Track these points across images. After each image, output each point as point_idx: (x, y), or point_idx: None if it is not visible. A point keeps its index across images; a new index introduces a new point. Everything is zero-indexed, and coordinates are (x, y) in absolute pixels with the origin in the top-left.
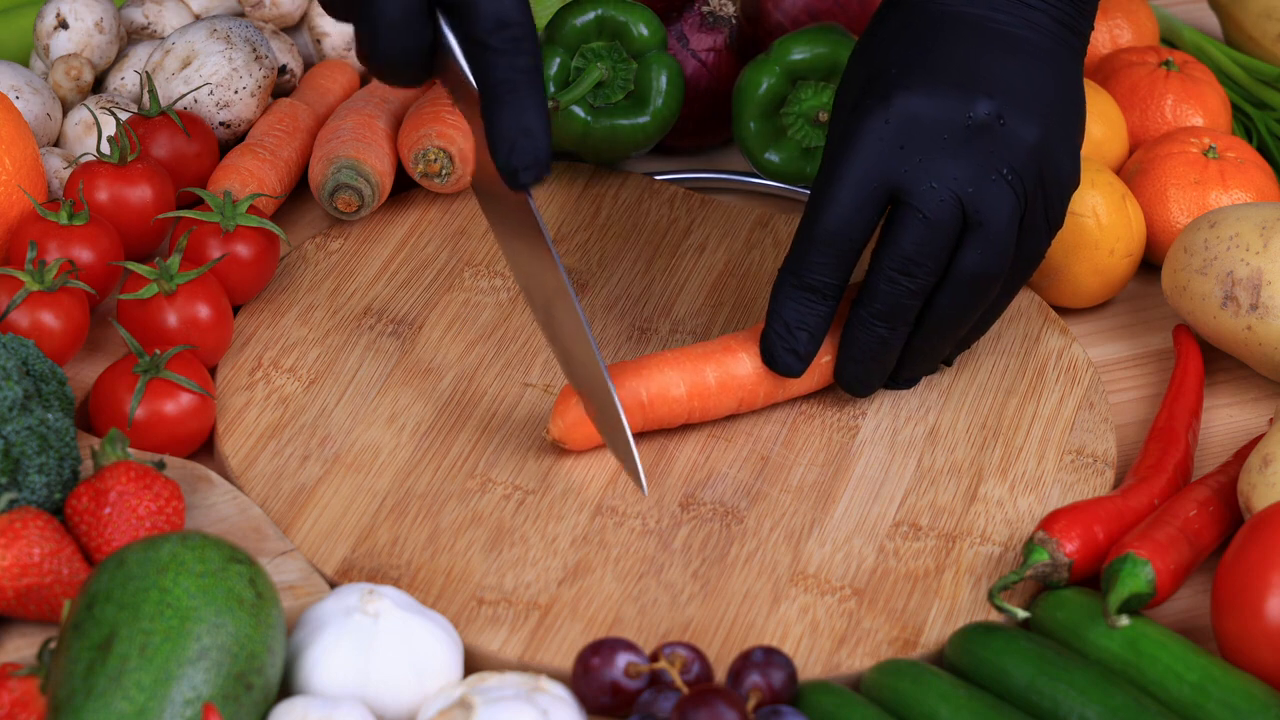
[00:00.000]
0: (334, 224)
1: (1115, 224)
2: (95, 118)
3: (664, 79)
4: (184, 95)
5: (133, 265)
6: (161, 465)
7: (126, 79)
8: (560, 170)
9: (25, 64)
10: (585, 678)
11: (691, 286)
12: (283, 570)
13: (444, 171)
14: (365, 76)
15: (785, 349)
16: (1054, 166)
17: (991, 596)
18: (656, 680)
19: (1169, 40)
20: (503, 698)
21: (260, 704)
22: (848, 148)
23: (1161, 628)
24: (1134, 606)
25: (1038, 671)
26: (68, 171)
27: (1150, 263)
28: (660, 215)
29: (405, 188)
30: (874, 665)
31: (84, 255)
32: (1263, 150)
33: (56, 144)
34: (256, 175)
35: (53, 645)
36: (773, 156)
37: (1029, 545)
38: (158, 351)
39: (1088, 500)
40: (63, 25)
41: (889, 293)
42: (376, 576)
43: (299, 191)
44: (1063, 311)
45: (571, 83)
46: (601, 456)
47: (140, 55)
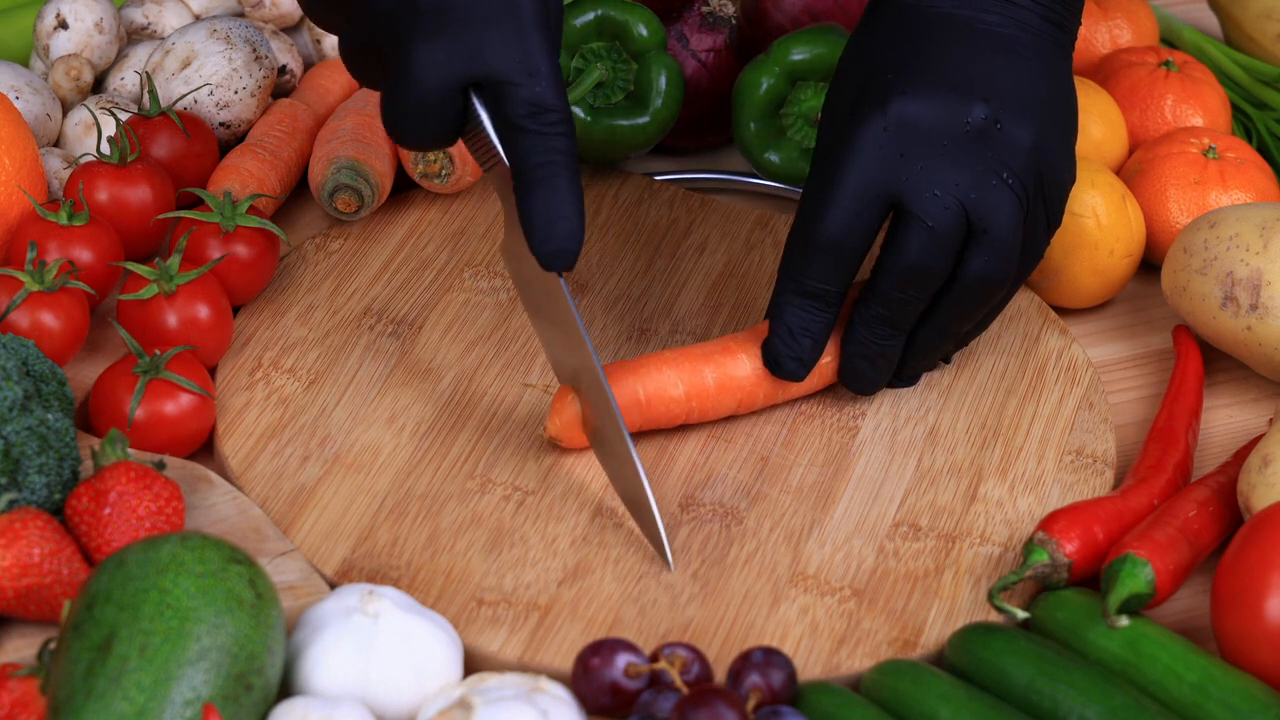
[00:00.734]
0: (334, 224)
1: (1115, 224)
2: (95, 118)
3: (664, 79)
4: (184, 95)
5: (133, 265)
6: (161, 465)
7: (126, 79)
8: None
9: (25, 64)
10: (585, 678)
11: (691, 287)
12: (283, 570)
13: (444, 171)
14: None
15: (789, 355)
16: (1051, 167)
17: (991, 597)
18: (656, 680)
19: (1169, 40)
20: (503, 698)
21: (260, 704)
22: (847, 155)
23: (1161, 628)
24: (1134, 607)
25: (1038, 672)
26: (68, 171)
27: (1150, 263)
28: (660, 215)
29: (405, 188)
30: (874, 665)
31: (84, 255)
32: (1263, 150)
33: (56, 144)
34: (256, 175)
35: (53, 645)
36: (773, 156)
37: (1029, 545)
38: (158, 352)
39: (1087, 500)
40: (63, 25)
41: (894, 299)
42: (376, 577)
43: (299, 191)
44: (1063, 311)
45: (571, 83)
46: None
47: (140, 55)
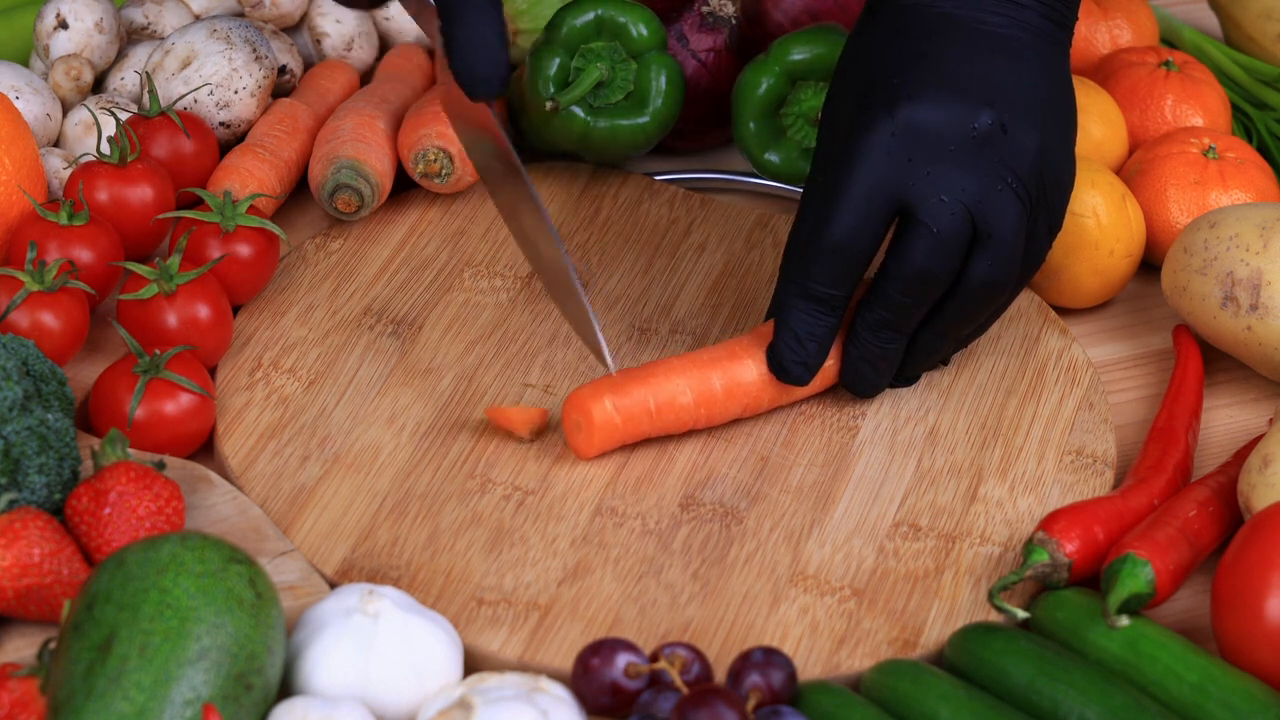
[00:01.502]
0: (334, 224)
1: (1115, 224)
2: (95, 118)
3: (664, 79)
4: (184, 95)
5: (133, 265)
6: (161, 465)
7: (126, 79)
8: (560, 170)
9: (25, 64)
10: (585, 678)
11: (691, 286)
12: (283, 570)
13: (444, 171)
14: (365, 76)
15: (795, 361)
16: (1054, 170)
17: (991, 597)
18: (656, 680)
19: (1169, 40)
20: (503, 698)
21: (260, 704)
22: (854, 159)
23: (1161, 628)
24: (1134, 607)
25: (1038, 672)
26: (68, 171)
27: (1150, 263)
28: (660, 215)
29: (405, 188)
30: (874, 665)
31: (84, 255)
32: (1263, 150)
33: (56, 144)
34: (256, 175)
35: (53, 645)
36: (773, 156)
37: (1029, 545)
38: (158, 352)
39: (1087, 500)
40: (63, 25)
41: (898, 304)
42: (376, 577)
43: (299, 191)
44: (1063, 311)
45: (571, 83)
46: (601, 457)
47: (140, 55)
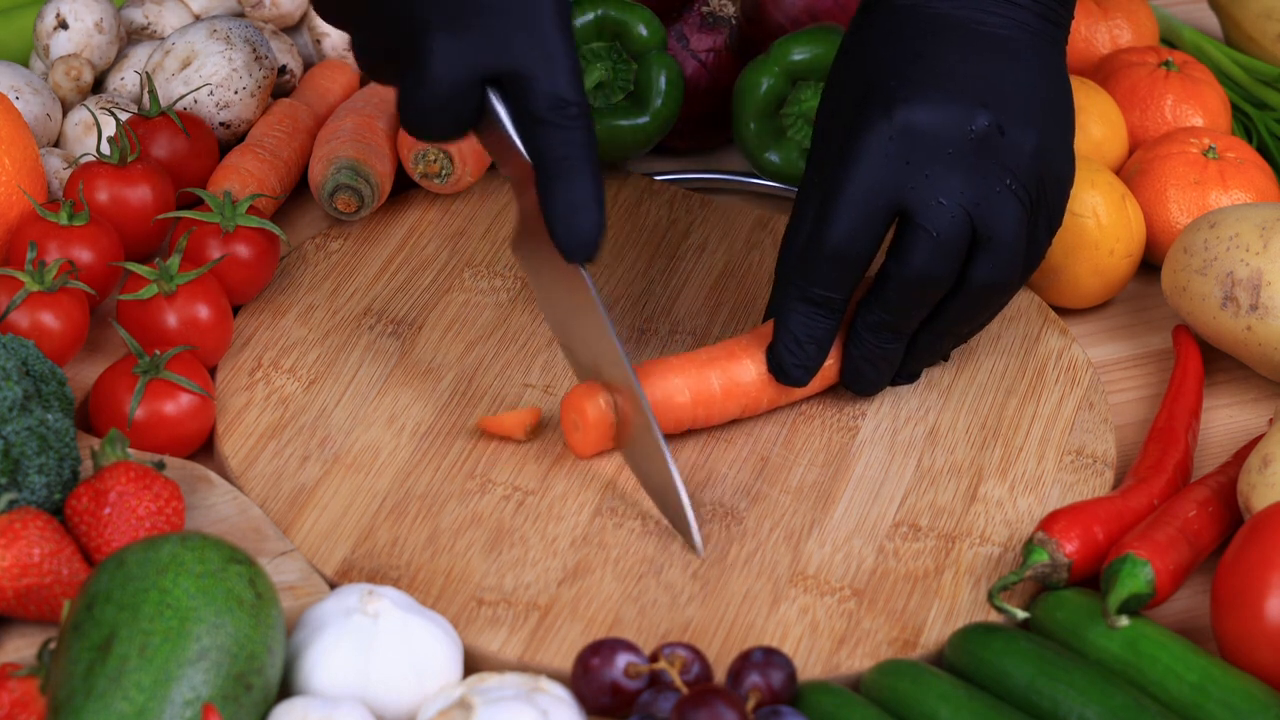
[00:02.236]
0: (334, 224)
1: (1115, 224)
2: (95, 118)
3: (664, 79)
4: (184, 95)
5: (133, 266)
6: (161, 465)
7: (126, 79)
8: None
9: (25, 64)
10: (585, 678)
11: (691, 287)
12: (283, 570)
13: (444, 172)
14: (365, 77)
15: (795, 363)
16: (1053, 169)
17: (991, 597)
18: (656, 680)
19: (1169, 40)
20: (503, 698)
21: (260, 704)
22: (852, 163)
23: (1161, 628)
24: (1134, 607)
25: (1038, 672)
26: (68, 171)
27: (1150, 263)
28: (660, 215)
29: (405, 188)
30: (874, 665)
31: (84, 256)
32: (1263, 150)
33: (56, 144)
34: (256, 175)
35: (53, 645)
36: (773, 156)
37: (1029, 546)
38: (158, 352)
39: (1087, 500)
40: (63, 25)
41: (898, 306)
42: (376, 577)
43: (299, 191)
44: (1063, 311)
45: None
46: (601, 457)
47: (140, 55)
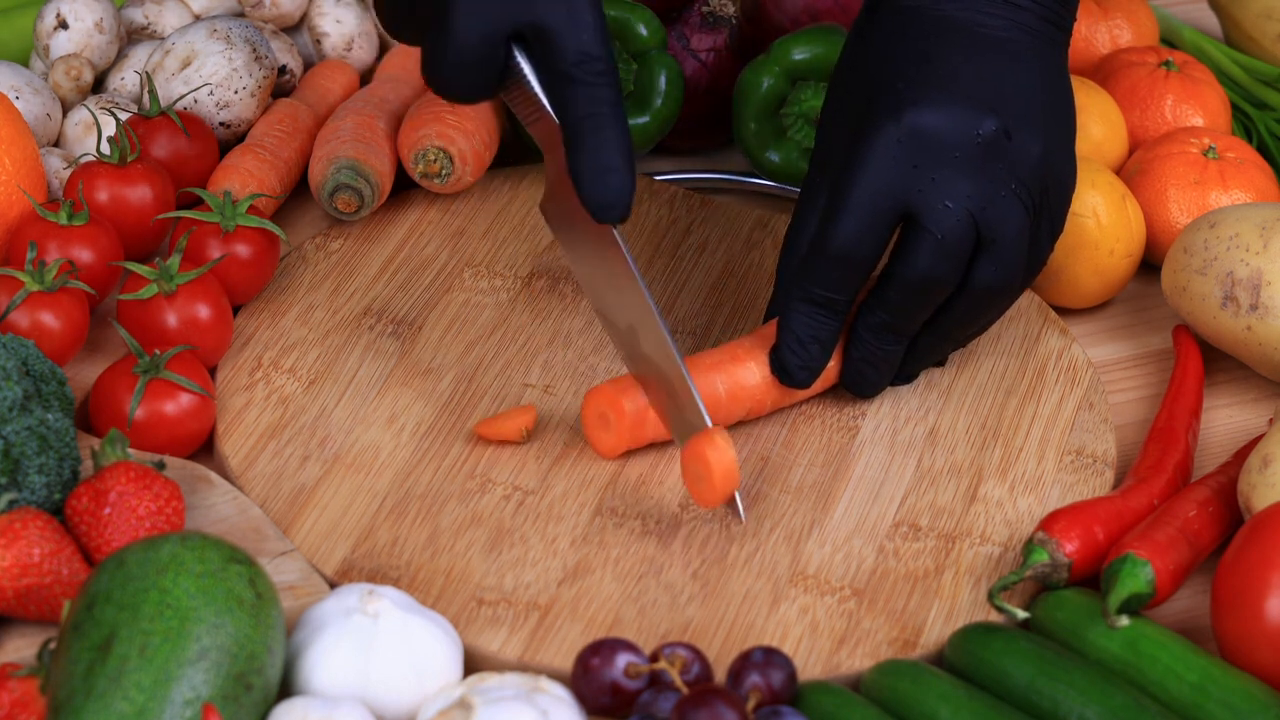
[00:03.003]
0: (334, 224)
1: (1115, 224)
2: (95, 118)
3: (664, 79)
4: (184, 95)
5: (133, 265)
6: (161, 465)
7: (126, 79)
8: None
9: (25, 64)
10: (585, 678)
11: (691, 287)
12: (283, 570)
13: (444, 172)
14: (365, 76)
15: (799, 365)
16: (1055, 173)
17: (991, 597)
18: (656, 680)
19: (1169, 40)
20: (503, 698)
21: (260, 704)
22: (859, 165)
23: (1161, 628)
24: (1134, 607)
25: (1038, 672)
26: (68, 171)
27: (1150, 263)
28: (660, 215)
29: (405, 188)
30: (874, 665)
31: (84, 255)
32: (1263, 150)
33: (56, 144)
34: (256, 175)
35: (53, 645)
36: (773, 156)
37: (1029, 545)
38: (158, 351)
39: (1087, 500)
40: (63, 25)
41: (901, 308)
42: (376, 576)
43: (299, 191)
44: (1063, 311)
45: None
46: (601, 458)
47: (140, 55)
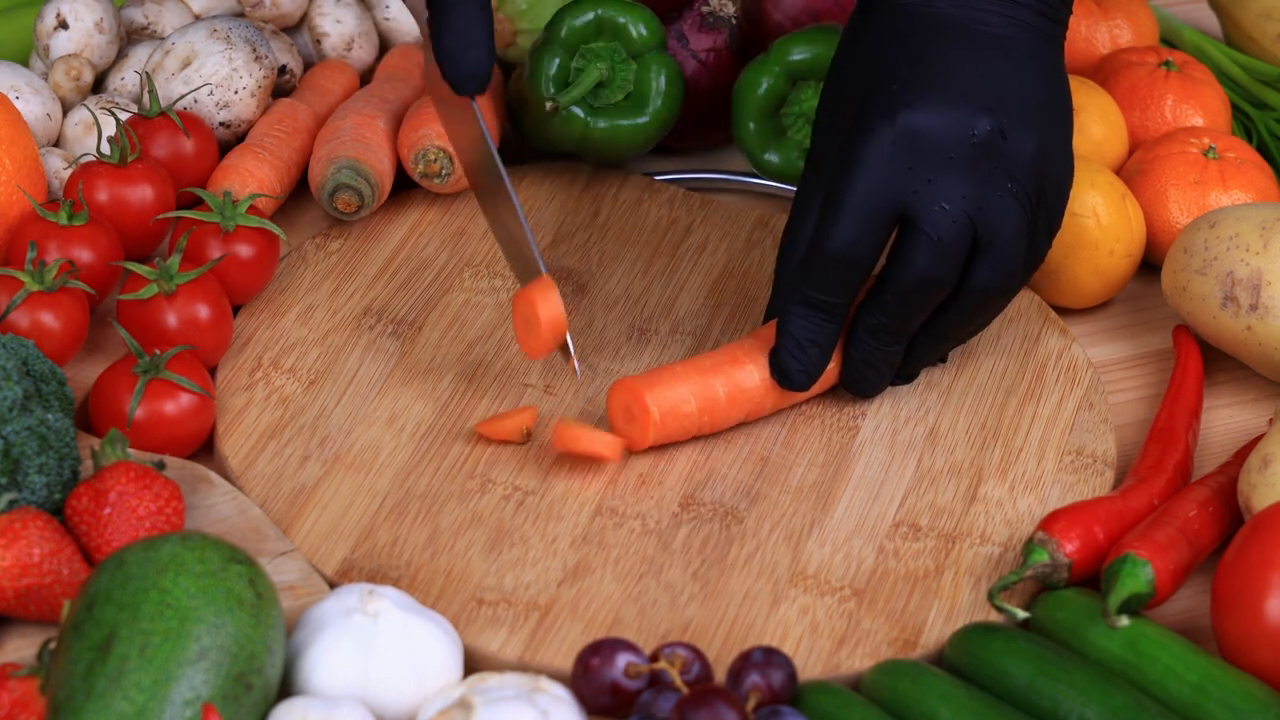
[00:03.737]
0: (334, 224)
1: (1115, 224)
2: (95, 118)
3: (663, 79)
4: (184, 95)
5: (133, 265)
6: (161, 465)
7: (126, 79)
8: (560, 170)
9: (25, 64)
10: (585, 678)
11: (691, 286)
12: (283, 570)
13: (444, 171)
14: (365, 76)
15: (798, 368)
16: (1052, 171)
17: (991, 597)
18: (656, 680)
19: (1169, 40)
20: (503, 698)
21: (260, 704)
22: (855, 168)
23: (1161, 628)
24: (1134, 607)
25: (1038, 672)
26: (68, 171)
27: (1150, 263)
28: (660, 215)
29: (405, 188)
30: (874, 665)
31: (84, 255)
32: (1263, 150)
33: (56, 144)
34: (256, 175)
35: (53, 645)
36: (773, 156)
37: (1029, 545)
38: (158, 351)
39: (1087, 500)
40: (63, 25)
41: (899, 310)
42: (376, 577)
43: (299, 191)
44: (1063, 311)
45: (571, 83)
46: (599, 461)
47: (140, 55)
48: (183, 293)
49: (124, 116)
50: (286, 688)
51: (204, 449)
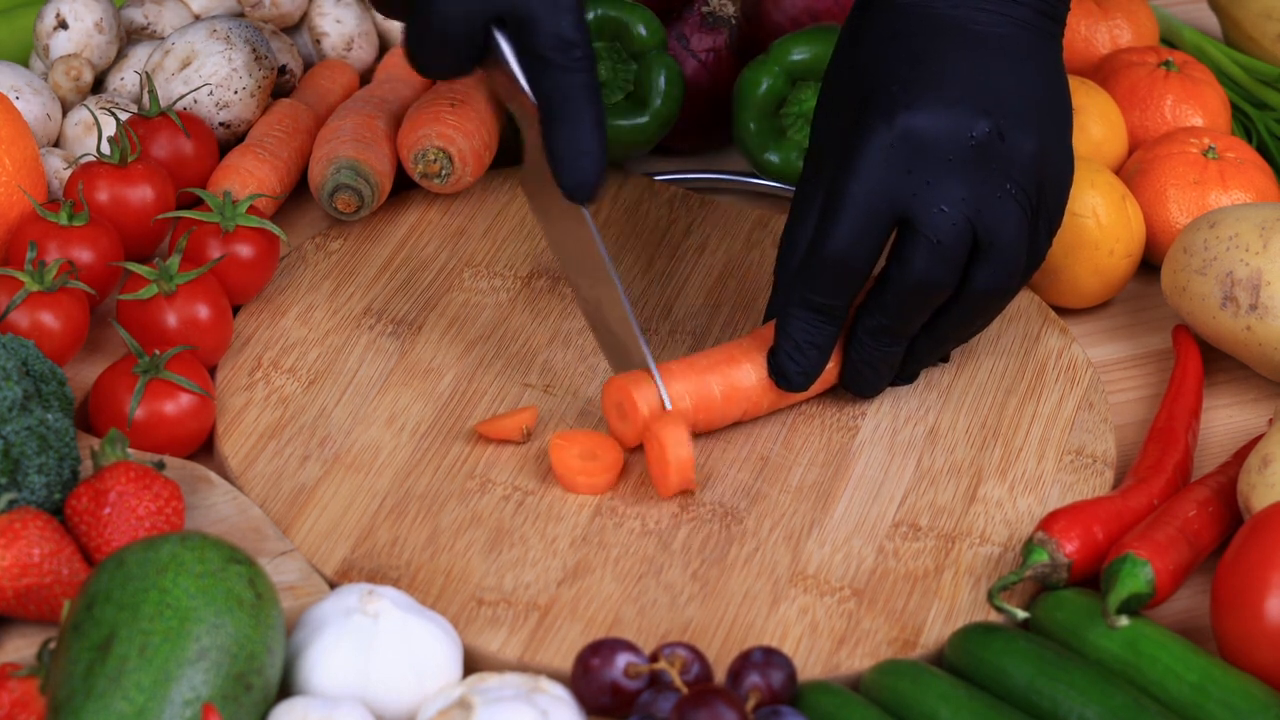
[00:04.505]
0: (334, 224)
1: (1115, 224)
2: (95, 118)
3: (664, 79)
4: (184, 95)
5: (133, 265)
6: (161, 465)
7: (126, 79)
8: None
9: (25, 64)
10: (585, 678)
11: (691, 287)
12: (283, 570)
13: (443, 172)
14: (365, 76)
15: (797, 370)
16: (1052, 171)
17: (991, 597)
18: (656, 680)
19: (1169, 40)
20: (502, 698)
21: (260, 704)
22: (854, 170)
23: (1161, 628)
24: (1133, 607)
25: (1037, 672)
26: (68, 171)
27: (1150, 263)
28: (660, 215)
29: (405, 188)
30: (874, 665)
31: (84, 255)
32: (1262, 150)
33: (56, 144)
34: (256, 175)
35: (52, 645)
36: (773, 156)
37: (1028, 545)
38: (157, 352)
39: (1087, 500)
40: (63, 25)
41: (899, 312)
42: (376, 577)
43: (299, 191)
44: (1063, 311)
45: None
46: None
47: (140, 55)
48: (183, 293)
49: (124, 116)
50: (286, 688)
51: (204, 449)
